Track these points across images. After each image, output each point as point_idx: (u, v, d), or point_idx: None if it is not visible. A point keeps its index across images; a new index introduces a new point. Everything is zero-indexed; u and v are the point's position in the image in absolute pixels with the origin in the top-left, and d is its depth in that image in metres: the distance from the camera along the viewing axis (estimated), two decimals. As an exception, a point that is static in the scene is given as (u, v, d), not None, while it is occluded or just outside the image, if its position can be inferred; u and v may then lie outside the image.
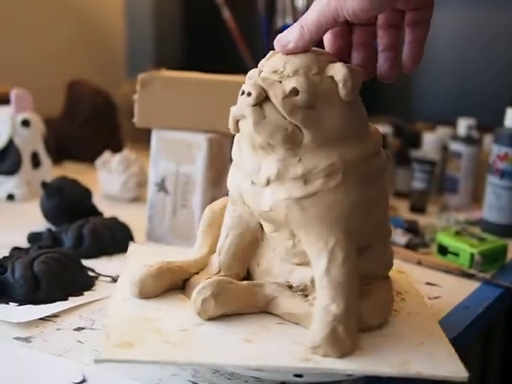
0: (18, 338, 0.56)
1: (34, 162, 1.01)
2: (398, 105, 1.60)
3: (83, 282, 0.67)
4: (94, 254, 0.76)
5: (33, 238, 0.78)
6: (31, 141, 1.00)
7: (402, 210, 1.08)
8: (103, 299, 0.64)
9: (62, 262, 0.66)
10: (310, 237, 0.50)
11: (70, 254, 0.70)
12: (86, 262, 0.72)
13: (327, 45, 0.54)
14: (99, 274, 0.71)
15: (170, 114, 0.79)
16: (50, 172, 1.03)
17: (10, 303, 0.62)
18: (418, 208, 1.08)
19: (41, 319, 0.60)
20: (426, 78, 1.56)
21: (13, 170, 0.99)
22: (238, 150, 0.54)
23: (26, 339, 0.56)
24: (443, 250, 0.84)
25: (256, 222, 0.55)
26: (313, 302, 0.51)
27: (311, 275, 0.51)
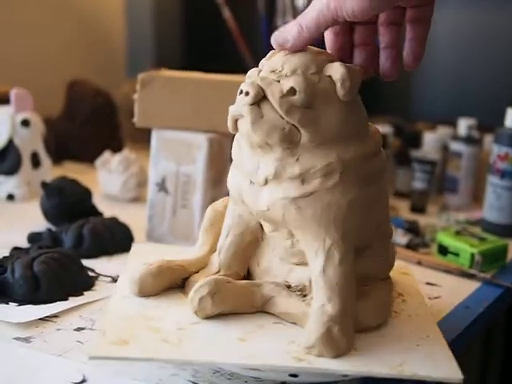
0: (17, 338, 0.56)
1: (34, 161, 1.01)
2: (399, 105, 1.60)
3: (83, 282, 0.67)
4: (94, 254, 0.76)
5: (33, 237, 0.78)
6: (31, 141, 1.00)
7: (403, 210, 1.08)
8: (103, 299, 0.64)
9: (62, 262, 0.66)
10: (307, 236, 0.50)
11: (70, 254, 0.70)
12: (86, 262, 0.72)
13: (328, 43, 0.53)
14: (99, 274, 0.71)
15: (170, 113, 0.79)
16: (49, 172, 1.03)
17: (10, 303, 0.62)
18: (418, 208, 1.08)
19: (41, 319, 0.59)
20: (426, 77, 1.56)
21: (13, 170, 0.99)
22: (237, 150, 0.54)
23: (26, 339, 0.56)
24: (443, 250, 0.84)
25: (256, 221, 0.55)
26: (310, 302, 0.51)
27: (309, 275, 0.51)
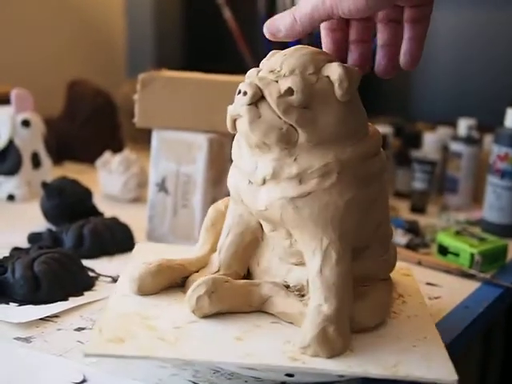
0: (18, 339, 0.56)
1: (35, 162, 1.01)
2: (398, 105, 1.60)
3: (83, 282, 0.67)
4: (95, 254, 0.76)
5: (33, 238, 0.78)
6: (31, 141, 1.00)
7: (403, 210, 1.08)
8: (103, 299, 0.64)
9: (63, 262, 0.66)
10: (305, 236, 0.50)
11: (71, 255, 0.70)
12: (87, 262, 0.72)
13: (324, 39, 0.53)
14: (99, 274, 0.71)
15: (171, 114, 0.79)
16: (50, 172, 1.04)
17: (11, 303, 0.62)
18: (418, 208, 1.08)
19: (41, 319, 0.60)
20: (426, 77, 1.56)
21: (13, 171, 0.99)
22: (237, 150, 0.54)
23: (27, 339, 0.56)
24: (443, 250, 0.84)
25: (256, 221, 0.55)
26: (307, 302, 0.51)
27: (308, 275, 0.51)
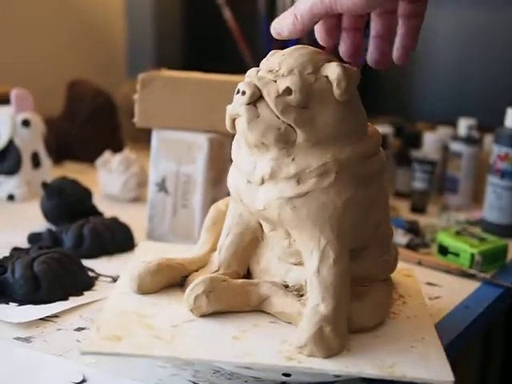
0: (18, 338, 0.56)
1: (35, 162, 1.01)
2: (398, 105, 1.60)
3: (83, 282, 0.67)
4: (94, 254, 0.76)
5: (33, 238, 0.78)
6: (31, 141, 1.00)
7: (403, 210, 1.08)
8: (103, 299, 0.64)
9: (62, 262, 0.66)
10: (303, 236, 0.50)
11: (70, 254, 0.70)
12: (86, 262, 0.72)
13: (317, 26, 0.52)
14: (99, 274, 0.71)
15: (171, 113, 0.79)
16: (50, 172, 1.03)
17: (10, 303, 0.62)
18: (418, 208, 1.08)
19: (41, 319, 0.60)
20: (426, 77, 1.56)
21: (13, 170, 0.99)
22: (236, 149, 0.54)
23: (27, 339, 0.56)
24: (444, 250, 0.84)
25: (256, 221, 0.55)
26: (306, 302, 0.51)
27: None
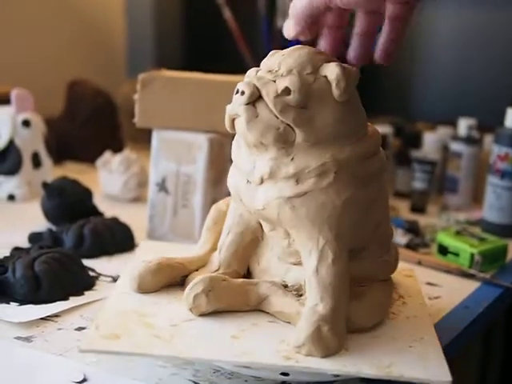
0: (18, 338, 0.56)
1: (35, 162, 1.01)
2: (398, 105, 1.60)
3: (84, 282, 0.68)
4: (95, 253, 0.76)
5: (33, 238, 0.79)
6: (32, 141, 1.01)
7: (403, 210, 1.08)
8: (104, 299, 0.64)
9: (63, 261, 0.66)
10: (302, 236, 0.50)
11: (71, 254, 0.70)
12: (87, 262, 0.72)
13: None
14: (100, 274, 0.71)
15: (171, 114, 0.79)
16: (50, 172, 1.04)
17: (11, 303, 0.62)
18: (418, 208, 1.08)
19: (42, 319, 0.60)
20: (426, 77, 1.56)
21: (13, 170, 0.99)
22: (236, 149, 0.54)
23: (27, 339, 0.56)
24: (443, 250, 0.84)
25: (256, 221, 0.55)
26: (305, 302, 0.51)
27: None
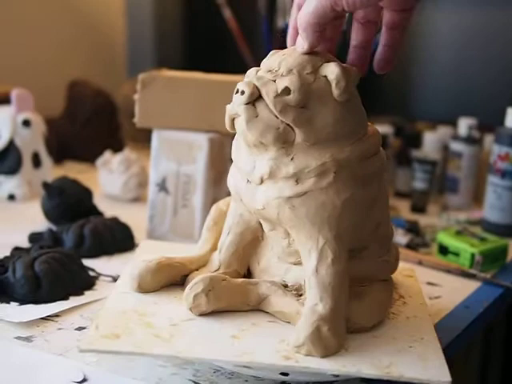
0: (19, 338, 0.56)
1: (35, 161, 1.01)
2: (399, 105, 1.60)
3: (84, 282, 0.68)
4: (95, 253, 0.76)
5: (34, 237, 0.79)
6: (32, 141, 1.01)
7: (403, 210, 1.08)
8: (104, 299, 0.64)
9: (63, 261, 0.66)
10: (301, 236, 0.50)
11: (71, 254, 0.70)
12: (87, 262, 0.72)
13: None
14: (100, 274, 0.71)
15: (171, 113, 0.79)
16: (50, 172, 1.04)
17: (11, 303, 0.62)
18: (418, 208, 1.08)
19: (42, 319, 0.60)
20: (426, 77, 1.56)
21: (13, 170, 0.99)
22: (236, 149, 0.54)
23: (27, 339, 0.56)
24: (444, 250, 0.84)
25: (256, 220, 0.55)
26: (304, 302, 0.51)
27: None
